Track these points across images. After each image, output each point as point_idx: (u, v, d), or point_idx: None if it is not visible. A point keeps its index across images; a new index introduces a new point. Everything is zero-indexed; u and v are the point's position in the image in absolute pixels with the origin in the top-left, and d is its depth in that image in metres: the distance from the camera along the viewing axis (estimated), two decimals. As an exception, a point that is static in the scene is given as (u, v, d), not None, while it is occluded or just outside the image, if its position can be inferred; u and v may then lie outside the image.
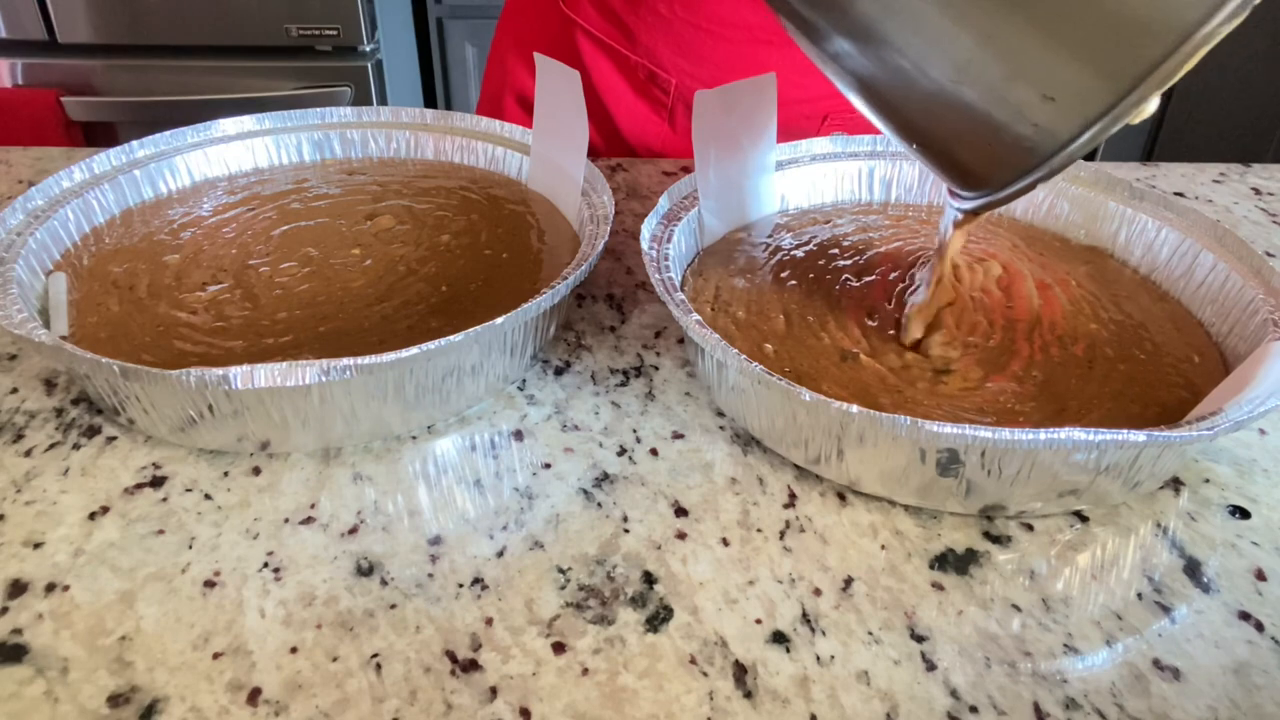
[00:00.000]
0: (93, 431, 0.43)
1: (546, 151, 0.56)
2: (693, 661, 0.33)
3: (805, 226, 0.55)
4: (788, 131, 0.59)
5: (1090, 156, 1.82)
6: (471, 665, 0.33)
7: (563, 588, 0.36)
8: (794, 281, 0.50)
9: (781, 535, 0.39)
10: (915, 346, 0.45)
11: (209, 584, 0.36)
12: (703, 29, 0.67)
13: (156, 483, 0.40)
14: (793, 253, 0.52)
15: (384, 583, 0.36)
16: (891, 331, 0.46)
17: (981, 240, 0.54)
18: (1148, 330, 0.47)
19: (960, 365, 0.44)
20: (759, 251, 0.52)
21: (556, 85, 0.52)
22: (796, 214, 0.56)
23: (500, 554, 0.38)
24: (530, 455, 0.42)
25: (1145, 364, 0.45)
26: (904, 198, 0.58)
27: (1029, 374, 0.43)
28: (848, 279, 0.50)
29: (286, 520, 0.39)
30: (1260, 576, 0.37)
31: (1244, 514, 0.40)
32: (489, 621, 0.35)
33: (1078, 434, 0.34)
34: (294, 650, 0.34)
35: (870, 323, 0.47)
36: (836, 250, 0.53)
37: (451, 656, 0.33)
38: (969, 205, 0.40)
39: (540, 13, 0.75)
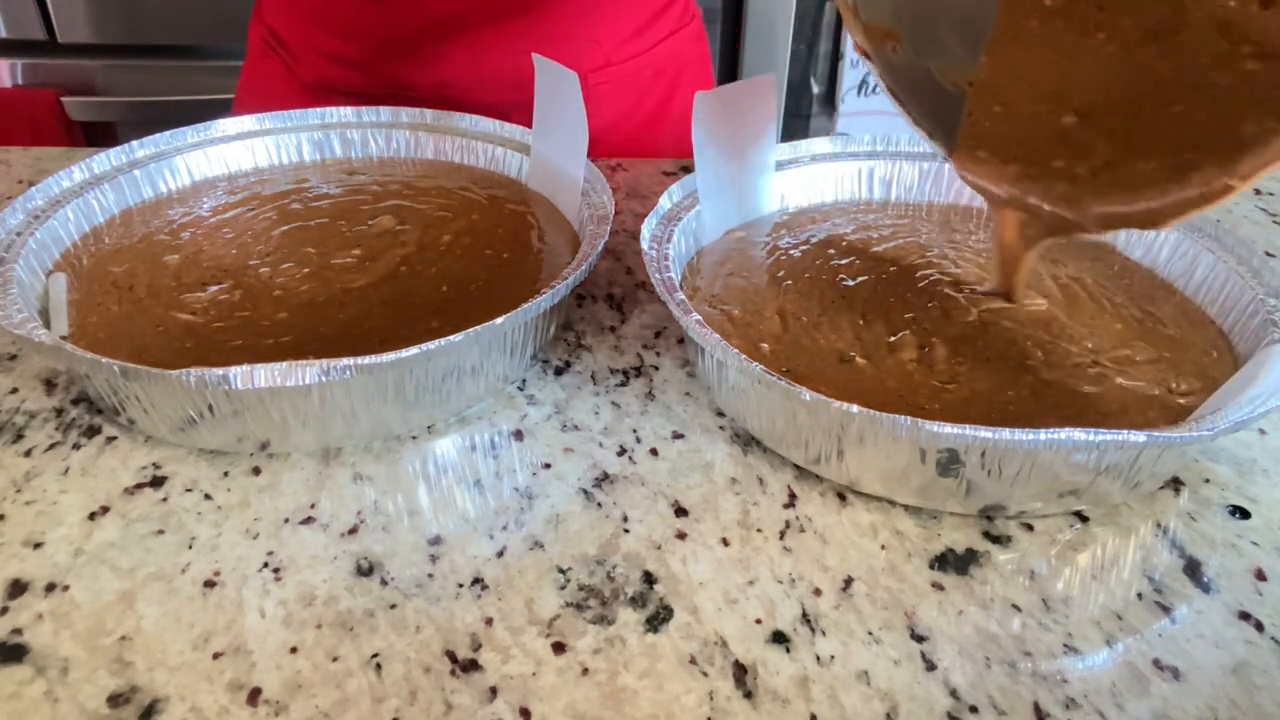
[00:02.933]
0: (93, 431, 0.43)
1: (546, 151, 0.56)
2: (693, 661, 0.34)
3: (804, 226, 0.55)
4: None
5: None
6: (471, 665, 0.33)
7: (563, 588, 0.36)
8: (790, 281, 0.50)
9: (781, 535, 0.39)
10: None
11: (209, 584, 0.36)
12: (432, 27, 0.67)
13: (156, 483, 0.40)
14: (790, 252, 0.52)
15: (384, 583, 0.36)
16: (890, 339, 0.46)
17: (989, 239, 0.54)
18: (1166, 327, 0.47)
19: (966, 378, 0.43)
20: (757, 250, 0.52)
21: (555, 86, 0.52)
22: (796, 213, 0.56)
23: (500, 554, 0.38)
24: (530, 455, 0.42)
25: (1170, 362, 0.44)
26: (904, 197, 0.58)
27: (1047, 386, 0.43)
28: (843, 279, 0.50)
29: (286, 520, 0.39)
30: (1260, 576, 0.37)
31: (1244, 514, 0.40)
32: (489, 621, 0.35)
33: (1078, 434, 0.34)
34: (294, 650, 0.34)
35: (862, 324, 0.47)
36: (834, 250, 0.53)
37: (451, 656, 0.34)
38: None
39: (278, 84, 0.74)
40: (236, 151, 0.59)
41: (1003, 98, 0.43)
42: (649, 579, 0.37)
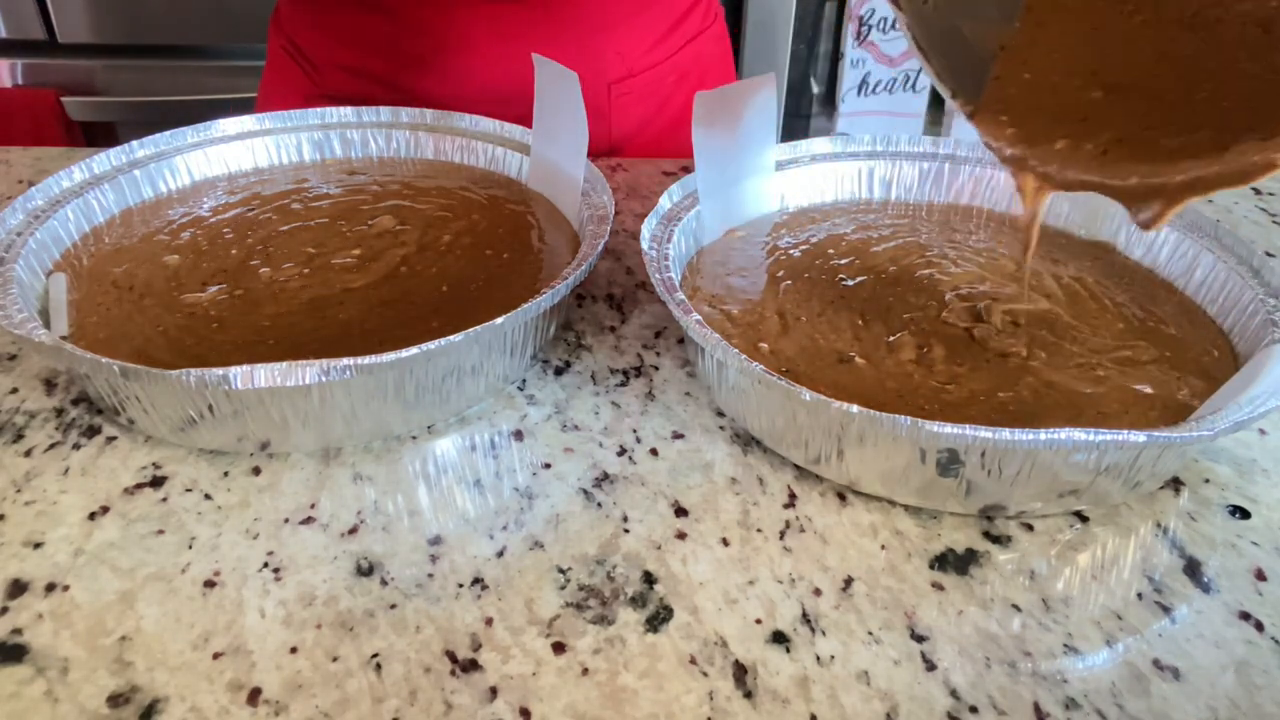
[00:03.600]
0: (93, 431, 0.43)
1: (546, 151, 0.56)
2: (693, 661, 0.34)
3: (804, 226, 0.55)
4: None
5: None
6: (471, 665, 0.33)
7: (563, 588, 0.36)
8: (790, 281, 0.50)
9: (781, 535, 0.39)
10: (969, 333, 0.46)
11: (209, 584, 0.36)
12: (454, 43, 0.67)
13: (156, 483, 0.40)
14: (789, 252, 0.52)
15: (384, 583, 0.36)
16: (889, 339, 0.45)
17: (989, 239, 0.54)
18: (1167, 325, 0.47)
19: (966, 378, 0.43)
20: (756, 250, 0.52)
21: (555, 86, 0.52)
22: (796, 213, 0.56)
23: (500, 554, 0.38)
24: (530, 455, 0.42)
25: (1171, 361, 0.44)
26: (904, 197, 0.58)
27: (1047, 386, 0.43)
28: (843, 279, 0.50)
29: (286, 520, 0.39)
30: (1260, 576, 0.37)
31: (1244, 514, 0.40)
32: (489, 621, 0.35)
33: (1078, 434, 0.34)
34: (294, 650, 0.34)
35: (862, 324, 0.47)
36: (833, 250, 0.53)
37: (451, 656, 0.34)
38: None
39: (300, 93, 0.74)
40: (236, 151, 0.59)
41: (1033, 65, 0.44)
42: (649, 579, 0.37)
